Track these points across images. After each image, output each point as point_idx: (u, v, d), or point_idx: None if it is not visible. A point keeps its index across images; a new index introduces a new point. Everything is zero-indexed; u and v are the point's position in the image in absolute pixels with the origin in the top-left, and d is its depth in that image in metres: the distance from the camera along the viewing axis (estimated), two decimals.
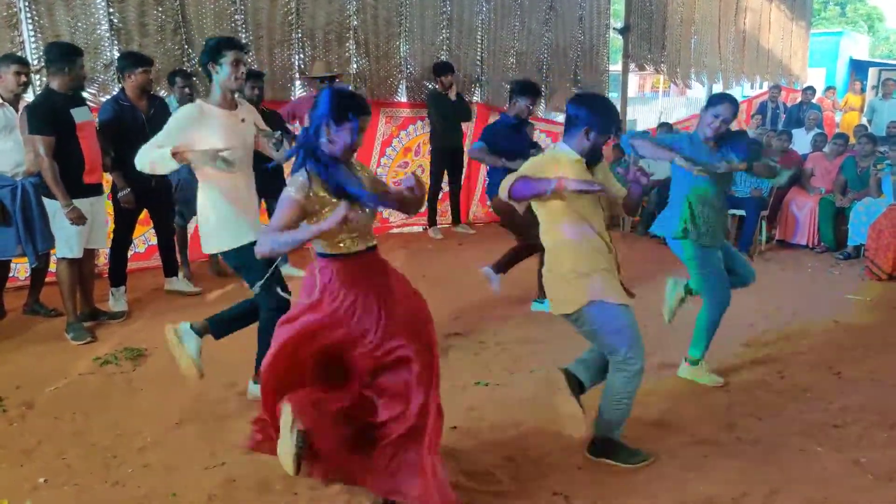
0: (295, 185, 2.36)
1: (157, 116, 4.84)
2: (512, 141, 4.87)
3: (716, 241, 3.65)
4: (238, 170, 3.32)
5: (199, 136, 3.25)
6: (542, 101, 8.69)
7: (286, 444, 2.36)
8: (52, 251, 4.48)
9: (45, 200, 4.31)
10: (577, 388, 2.96)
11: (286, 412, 2.35)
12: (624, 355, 2.81)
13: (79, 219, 4.18)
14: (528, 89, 5.00)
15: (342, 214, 2.17)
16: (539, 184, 2.67)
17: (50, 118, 4.10)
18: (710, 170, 3.48)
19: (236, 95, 3.45)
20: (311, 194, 2.35)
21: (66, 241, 4.33)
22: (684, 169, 3.50)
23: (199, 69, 5.79)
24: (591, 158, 2.86)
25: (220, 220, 3.34)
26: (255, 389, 3.35)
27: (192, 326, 3.36)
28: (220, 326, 3.47)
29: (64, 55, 4.22)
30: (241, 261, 3.35)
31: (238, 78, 3.29)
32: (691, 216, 3.58)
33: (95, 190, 4.46)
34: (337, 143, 2.38)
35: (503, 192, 2.77)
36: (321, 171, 2.37)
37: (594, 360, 3.02)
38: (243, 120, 3.43)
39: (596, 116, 2.77)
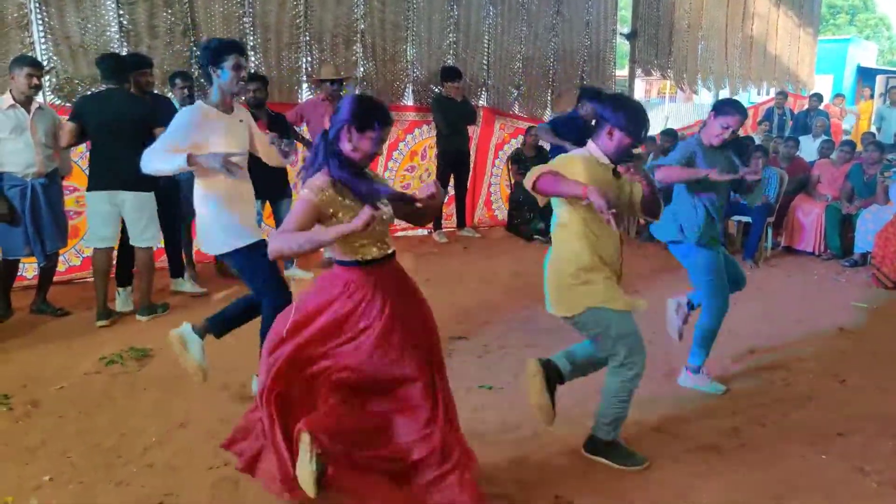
0: (313, 188, 2.33)
1: (163, 118, 4.88)
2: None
3: (714, 239, 3.65)
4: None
5: (202, 139, 3.26)
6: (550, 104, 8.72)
7: (306, 469, 2.31)
8: (59, 251, 4.53)
9: (91, 195, 4.50)
10: (557, 377, 2.98)
11: (304, 440, 2.31)
12: (623, 359, 2.83)
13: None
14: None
15: (368, 214, 2.13)
16: (566, 185, 2.63)
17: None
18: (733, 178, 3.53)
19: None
20: (326, 197, 2.33)
21: (93, 232, 4.62)
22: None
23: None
24: (618, 160, 2.82)
25: (220, 222, 3.35)
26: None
27: (193, 328, 3.37)
28: (220, 325, 3.49)
29: (124, 66, 4.60)
30: (243, 262, 3.37)
31: (239, 81, 3.30)
32: (705, 220, 3.59)
33: None
34: (358, 149, 2.36)
35: (528, 181, 2.75)
36: (345, 175, 2.35)
37: (583, 356, 3.03)
38: (241, 121, 3.45)
39: (618, 116, 2.72)
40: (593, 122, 2.78)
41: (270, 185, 5.51)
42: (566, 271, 2.83)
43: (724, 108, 3.56)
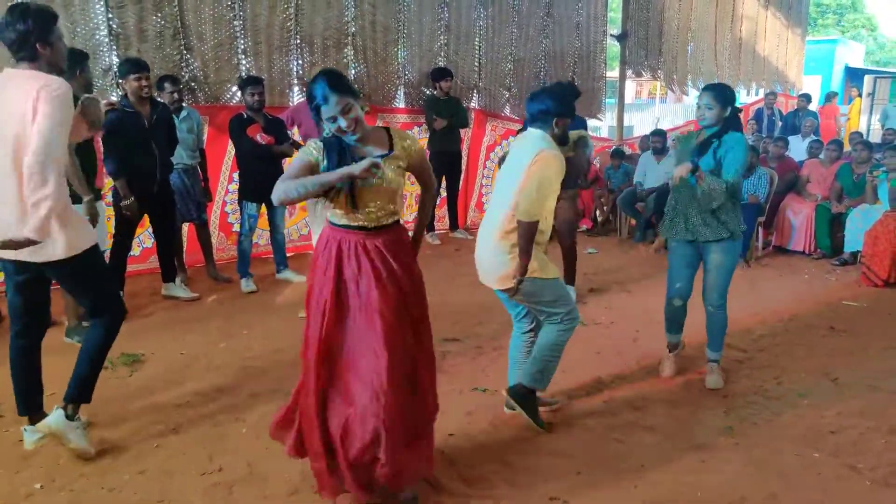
0: (308, 147, 2.46)
1: (160, 123, 4.85)
2: None
3: (681, 234, 3.74)
4: None
5: None
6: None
7: None
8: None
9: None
10: (529, 393, 3.27)
11: None
12: (563, 315, 3.16)
13: (95, 216, 3.99)
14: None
15: (370, 163, 2.26)
16: None
17: None
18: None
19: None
20: (315, 158, 2.43)
21: None
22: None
23: (199, 75, 5.87)
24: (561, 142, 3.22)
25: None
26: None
27: (64, 414, 3.00)
28: (83, 389, 3.07)
29: (73, 60, 4.19)
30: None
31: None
32: (670, 212, 3.80)
33: (98, 193, 4.46)
34: (336, 126, 2.39)
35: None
36: (330, 152, 2.42)
37: (523, 356, 3.38)
38: None
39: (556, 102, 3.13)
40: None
41: (266, 188, 5.47)
42: (506, 250, 3.10)
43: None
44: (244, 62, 6.21)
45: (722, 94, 3.58)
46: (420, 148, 2.61)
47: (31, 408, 3.08)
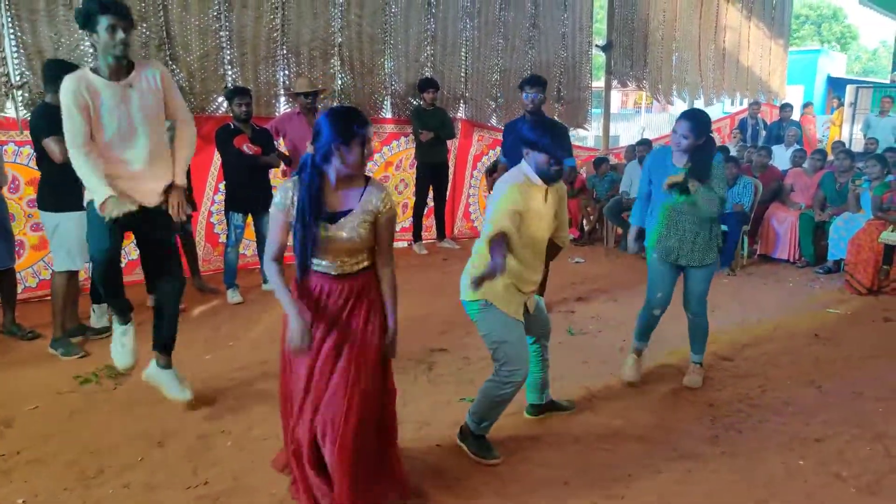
0: (277, 197, 2.47)
1: None
2: None
3: (673, 257, 3.77)
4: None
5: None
6: None
7: None
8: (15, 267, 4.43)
9: (45, 215, 4.28)
10: (551, 405, 3.49)
11: None
12: (499, 366, 2.97)
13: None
14: None
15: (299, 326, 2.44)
16: (498, 254, 2.71)
17: (56, 123, 4.00)
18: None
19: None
20: (291, 203, 2.44)
21: (68, 254, 4.30)
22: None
23: (184, 85, 5.85)
24: (549, 179, 2.94)
25: None
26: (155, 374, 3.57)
27: (158, 364, 3.55)
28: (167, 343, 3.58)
29: (59, 71, 4.15)
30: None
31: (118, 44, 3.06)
32: (660, 229, 3.79)
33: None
34: (348, 160, 2.40)
35: (485, 239, 2.89)
36: (306, 188, 2.41)
37: (535, 368, 3.34)
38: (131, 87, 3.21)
39: (540, 137, 2.88)
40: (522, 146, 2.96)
41: (253, 199, 5.48)
42: (483, 263, 2.88)
43: (679, 116, 3.74)
44: (230, 73, 6.19)
45: (699, 125, 3.60)
46: (392, 214, 2.55)
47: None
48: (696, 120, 3.62)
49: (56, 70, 4.14)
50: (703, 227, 3.75)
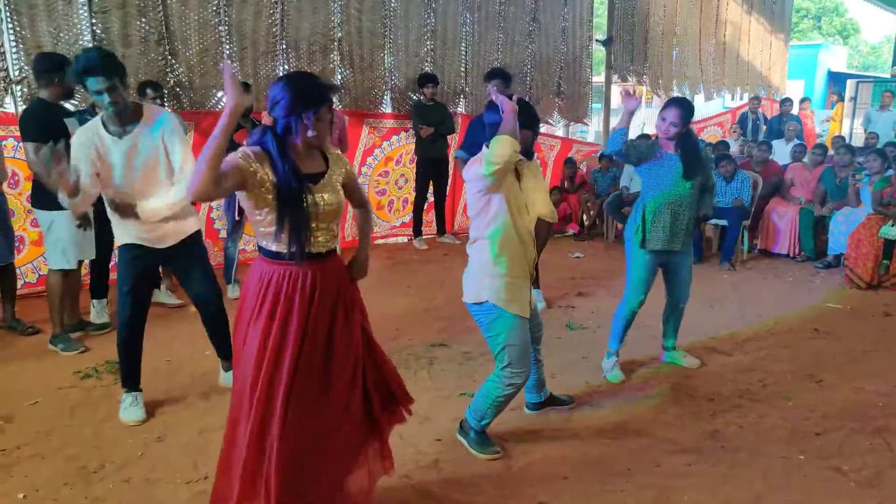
0: (243, 152, 2.16)
1: None
2: None
3: (660, 247, 3.78)
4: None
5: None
6: None
7: None
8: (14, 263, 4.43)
9: (39, 212, 4.27)
10: (550, 400, 3.50)
11: None
12: (505, 365, 2.94)
13: (83, 218, 3.96)
14: None
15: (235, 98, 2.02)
16: None
17: (45, 126, 4.00)
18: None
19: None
20: (253, 167, 2.14)
21: (63, 252, 4.28)
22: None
23: (184, 80, 5.84)
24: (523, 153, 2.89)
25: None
26: (227, 378, 3.60)
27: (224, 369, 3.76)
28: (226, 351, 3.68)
29: (54, 65, 4.16)
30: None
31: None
32: (643, 222, 3.80)
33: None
34: (317, 129, 2.18)
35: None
36: (278, 160, 2.16)
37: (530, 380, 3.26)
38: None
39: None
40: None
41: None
42: (481, 264, 2.91)
43: (665, 103, 3.79)
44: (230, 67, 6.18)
45: (688, 113, 3.68)
46: (351, 168, 2.45)
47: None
48: (685, 107, 3.68)
49: (45, 64, 4.17)
50: (690, 209, 3.82)
